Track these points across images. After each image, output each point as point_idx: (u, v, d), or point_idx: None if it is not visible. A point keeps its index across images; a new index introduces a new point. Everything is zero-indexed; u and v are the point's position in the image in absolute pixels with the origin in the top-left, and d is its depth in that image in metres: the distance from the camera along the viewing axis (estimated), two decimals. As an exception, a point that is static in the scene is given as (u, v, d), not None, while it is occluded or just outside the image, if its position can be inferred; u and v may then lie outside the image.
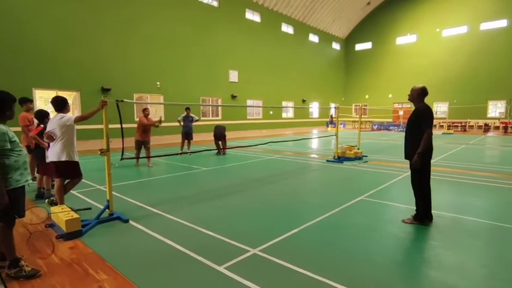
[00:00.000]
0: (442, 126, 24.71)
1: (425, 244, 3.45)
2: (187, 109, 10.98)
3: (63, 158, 4.24)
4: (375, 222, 4.12)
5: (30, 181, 2.96)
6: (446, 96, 26.86)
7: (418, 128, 3.83)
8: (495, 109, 25.51)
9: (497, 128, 23.83)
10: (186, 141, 10.88)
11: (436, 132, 23.22)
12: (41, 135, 5.12)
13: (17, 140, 2.81)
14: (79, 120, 4.27)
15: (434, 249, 3.31)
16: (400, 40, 29.95)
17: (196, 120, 11.19)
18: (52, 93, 12.91)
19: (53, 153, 4.28)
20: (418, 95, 3.95)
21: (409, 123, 4.01)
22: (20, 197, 2.83)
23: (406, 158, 4.07)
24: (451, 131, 22.35)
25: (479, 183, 6.33)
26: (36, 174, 5.71)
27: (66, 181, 4.49)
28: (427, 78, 27.54)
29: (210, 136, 11.34)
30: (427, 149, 3.84)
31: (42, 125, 5.22)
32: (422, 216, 3.97)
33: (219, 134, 11.21)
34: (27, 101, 6.26)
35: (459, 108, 25.86)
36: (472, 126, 25.22)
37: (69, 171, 4.38)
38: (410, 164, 3.97)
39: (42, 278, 2.77)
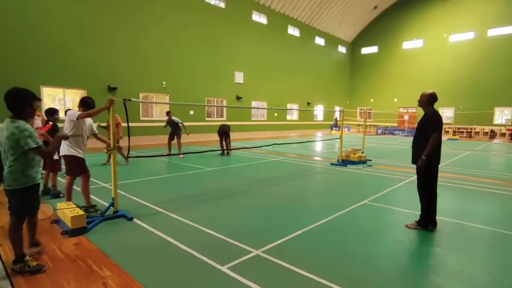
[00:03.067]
0: (447, 132, 24.52)
1: (429, 250, 3.44)
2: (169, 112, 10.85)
3: (67, 153, 4.27)
4: (378, 227, 4.11)
5: (40, 179, 3.04)
6: (452, 101, 26.70)
7: (426, 133, 3.83)
8: (501, 116, 25.31)
9: (503, 134, 23.60)
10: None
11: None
12: (50, 132, 5.18)
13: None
14: (83, 116, 4.25)
15: (438, 255, 3.29)
16: (407, 45, 29.85)
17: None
18: (60, 91, 13.06)
19: (61, 148, 4.31)
20: (428, 100, 3.96)
21: (418, 128, 4.02)
22: (35, 193, 2.94)
23: (413, 162, 4.06)
24: (457, 137, 22.19)
25: (484, 190, 6.29)
26: (43, 171, 5.78)
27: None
28: (433, 83, 27.41)
29: (214, 137, 11.34)
30: (434, 154, 3.83)
31: (51, 122, 5.30)
32: (426, 221, 3.95)
33: (223, 131, 11.19)
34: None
35: (465, 114, 25.68)
36: (478, 132, 25.02)
37: (73, 167, 4.40)
38: (417, 169, 3.96)
39: (47, 274, 2.80)
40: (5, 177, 2.80)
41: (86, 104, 4.43)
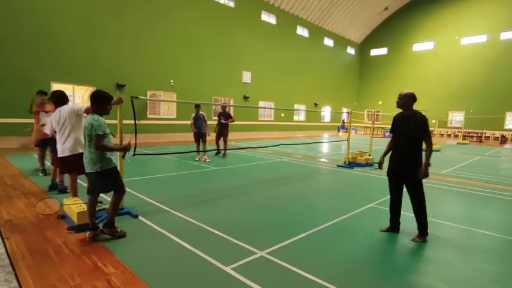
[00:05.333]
0: (457, 136, 24.19)
1: (436, 256, 3.37)
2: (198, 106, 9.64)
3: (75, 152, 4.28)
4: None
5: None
6: (462, 105, 26.32)
7: (419, 138, 3.65)
8: (513, 121, 24.85)
9: (514, 140, 23.18)
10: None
11: (450, 141, 22.73)
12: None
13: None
14: (89, 111, 4.28)
15: (446, 262, 3.23)
16: (417, 47, 29.50)
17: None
18: (69, 87, 13.20)
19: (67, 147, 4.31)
20: (411, 101, 3.73)
21: (408, 131, 3.68)
22: (118, 173, 3.56)
23: (400, 172, 3.83)
24: (467, 141, 21.85)
25: (494, 196, 6.16)
26: (51, 166, 5.84)
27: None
28: (443, 86, 27.08)
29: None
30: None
31: None
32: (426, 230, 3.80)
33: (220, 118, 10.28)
34: (42, 93, 6.33)
35: (475, 118, 25.28)
36: (489, 137, 24.62)
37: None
38: (414, 178, 3.70)
39: (51, 268, 2.81)
40: (87, 162, 3.37)
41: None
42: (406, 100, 3.73)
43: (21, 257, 2.99)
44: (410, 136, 3.68)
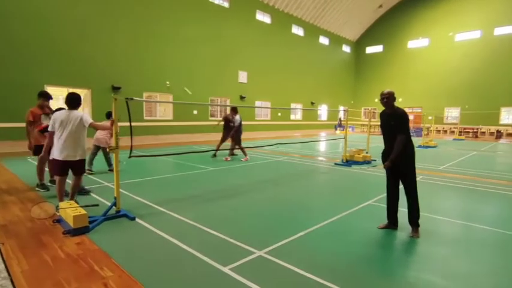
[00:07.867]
0: (453, 132, 24.29)
1: (434, 252, 3.37)
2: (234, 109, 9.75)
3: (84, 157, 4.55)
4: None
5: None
6: (458, 101, 26.45)
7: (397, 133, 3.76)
8: (508, 116, 25.01)
9: (510, 135, 23.34)
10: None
11: (447, 137, 22.83)
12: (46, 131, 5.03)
13: None
14: (93, 127, 4.48)
15: (443, 257, 3.23)
16: (412, 44, 29.62)
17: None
18: (64, 91, 13.11)
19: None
20: (392, 100, 3.89)
21: (390, 127, 3.85)
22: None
23: (390, 166, 3.93)
24: (463, 137, 21.97)
25: (491, 191, 6.19)
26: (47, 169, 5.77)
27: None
28: (438, 82, 27.19)
29: (218, 136, 11.27)
30: (413, 152, 3.83)
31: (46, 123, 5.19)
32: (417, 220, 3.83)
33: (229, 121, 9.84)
34: (43, 96, 5.67)
35: (471, 114, 25.42)
36: (484, 132, 24.76)
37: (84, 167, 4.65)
38: (404, 171, 3.88)
39: (48, 272, 2.78)
40: None
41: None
42: (392, 99, 3.90)
43: (17, 262, 2.95)
44: (392, 133, 3.85)
